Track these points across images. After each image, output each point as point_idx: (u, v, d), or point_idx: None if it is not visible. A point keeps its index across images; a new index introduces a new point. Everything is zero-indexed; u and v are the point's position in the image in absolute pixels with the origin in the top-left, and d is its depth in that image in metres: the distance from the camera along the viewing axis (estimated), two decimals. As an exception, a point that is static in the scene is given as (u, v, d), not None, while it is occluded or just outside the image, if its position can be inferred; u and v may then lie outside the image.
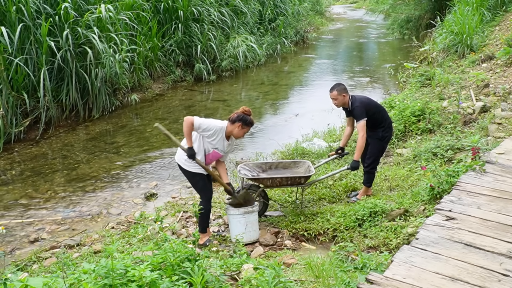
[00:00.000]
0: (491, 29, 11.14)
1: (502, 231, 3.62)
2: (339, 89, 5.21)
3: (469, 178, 4.58)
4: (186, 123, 4.51)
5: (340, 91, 5.21)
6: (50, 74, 8.75)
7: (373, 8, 26.07)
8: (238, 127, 4.59)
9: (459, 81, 8.39)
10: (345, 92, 5.24)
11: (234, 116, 4.61)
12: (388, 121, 5.44)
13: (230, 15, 13.98)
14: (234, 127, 4.60)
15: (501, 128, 6.30)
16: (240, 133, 4.63)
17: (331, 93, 5.25)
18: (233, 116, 4.62)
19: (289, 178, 5.11)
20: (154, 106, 10.50)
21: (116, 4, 10.23)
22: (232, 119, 4.61)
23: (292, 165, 5.51)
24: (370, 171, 5.42)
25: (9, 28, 8.25)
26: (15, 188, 6.62)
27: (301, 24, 19.31)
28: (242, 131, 4.63)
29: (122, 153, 7.88)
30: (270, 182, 5.15)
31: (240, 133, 4.63)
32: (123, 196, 6.33)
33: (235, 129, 4.60)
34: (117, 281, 2.73)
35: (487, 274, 3.09)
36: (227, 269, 3.56)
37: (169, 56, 12.04)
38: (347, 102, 5.27)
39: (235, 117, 4.60)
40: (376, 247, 4.35)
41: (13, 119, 8.04)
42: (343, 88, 5.25)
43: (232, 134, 4.65)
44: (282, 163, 5.56)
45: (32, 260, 4.73)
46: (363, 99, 5.33)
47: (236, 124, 4.59)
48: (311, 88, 12.23)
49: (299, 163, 5.53)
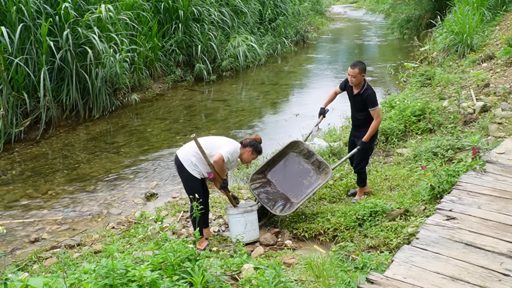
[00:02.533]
0: (492, 28, 11.14)
1: (502, 230, 3.62)
2: (361, 68, 5.19)
3: (469, 177, 4.58)
4: (218, 164, 4.60)
5: (362, 70, 5.20)
6: (50, 74, 8.75)
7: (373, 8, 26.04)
8: (248, 152, 4.82)
9: (460, 81, 8.39)
10: (364, 72, 5.26)
11: (246, 141, 4.85)
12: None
13: (230, 15, 13.97)
14: (245, 151, 4.82)
15: (501, 128, 6.30)
16: (248, 158, 4.86)
17: (352, 69, 5.16)
18: (245, 140, 4.86)
19: (308, 194, 5.14)
20: (155, 106, 10.50)
21: (116, 4, 10.23)
22: (245, 143, 4.83)
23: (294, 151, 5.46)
24: (360, 172, 5.47)
25: (9, 28, 8.25)
26: (15, 188, 6.62)
27: (301, 24, 19.29)
28: (251, 156, 4.85)
29: (122, 153, 7.89)
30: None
31: (249, 158, 4.86)
32: (124, 196, 6.33)
33: (245, 153, 4.83)
34: (117, 281, 2.73)
35: (487, 274, 3.09)
36: (227, 269, 3.56)
37: (169, 56, 12.04)
38: (361, 84, 5.28)
39: (247, 142, 4.83)
40: (377, 247, 4.35)
41: (13, 119, 8.04)
42: (364, 67, 5.24)
43: (241, 157, 4.84)
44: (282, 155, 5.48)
45: (32, 260, 4.74)
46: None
47: (247, 148, 4.82)
48: (311, 88, 12.23)
49: (296, 144, 5.49)
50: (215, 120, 9.62)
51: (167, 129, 9.05)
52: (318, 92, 11.56)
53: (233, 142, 4.81)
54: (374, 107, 5.22)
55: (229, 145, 4.71)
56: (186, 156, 4.68)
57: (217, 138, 4.95)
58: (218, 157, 4.57)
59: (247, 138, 4.95)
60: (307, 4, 20.82)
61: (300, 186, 5.30)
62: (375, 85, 12.20)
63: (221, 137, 4.96)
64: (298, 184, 5.32)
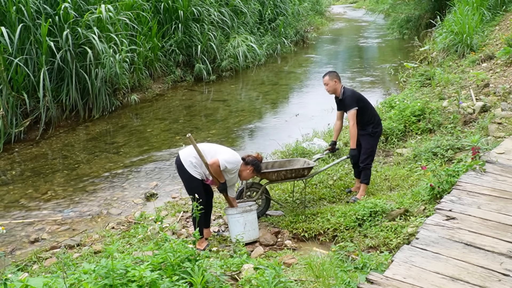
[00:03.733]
0: (491, 28, 11.14)
1: (502, 230, 3.62)
2: (331, 75, 5.38)
3: (469, 177, 4.58)
4: (214, 168, 4.61)
5: (332, 76, 5.37)
6: (50, 74, 8.75)
7: (373, 8, 26.08)
8: (249, 170, 4.85)
9: (459, 81, 8.39)
10: (337, 78, 5.39)
11: (249, 158, 4.87)
12: (377, 118, 5.58)
13: (230, 15, 13.98)
14: (246, 168, 4.84)
15: (501, 128, 6.30)
16: (248, 175, 4.90)
17: (323, 78, 5.43)
18: (248, 158, 4.87)
19: (294, 171, 5.24)
20: (154, 106, 10.50)
21: (116, 4, 10.23)
22: (247, 161, 4.85)
23: (287, 164, 5.55)
24: (366, 167, 5.50)
25: (9, 28, 8.25)
26: (15, 188, 6.62)
27: (301, 24, 19.31)
28: (250, 175, 4.91)
29: (122, 153, 7.89)
30: (275, 176, 5.22)
31: (248, 176, 4.91)
32: (123, 196, 6.33)
33: (246, 170, 4.85)
34: (117, 281, 2.73)
35: (487, 273, 3.09)
36: (227, 269, 3.56)
37: (169, 56, 12.04)
38: (339, 90, 5.42)
39: (250, 160, 4.85)
40: (376, 247, 4.35)
41: (13, 119, 8.04)
42: (335, 74, 5.42)
43: (240, 173, 4.85)
44: (277, 162, 5.59)
45: (32, 260, 4.73)
46: (354, 91, 5.52)
47: (248, 167, 4.84)
48: (311, 88, 12.23)
49: (293, 161, 5.61)
50: (215, 120, 9.62)
51: (166, 129, 9.05)
52: (318, 92, 11.57)
53: (235, 155, 4.80)
54: (349, 110, 5.33)
55: (229, 155, 4.69)
56: (187, 157, 4.69)
57: (220, 147, 4.91)
58: (214, 161, 4.58)
59: (249, 155, 4.94)
60: (306, 4, 20.83)
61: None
62: (375, 85, 12.22)
63: (225, 148, 4.93)
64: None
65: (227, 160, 4.61)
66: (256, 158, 4.90)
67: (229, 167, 4.63)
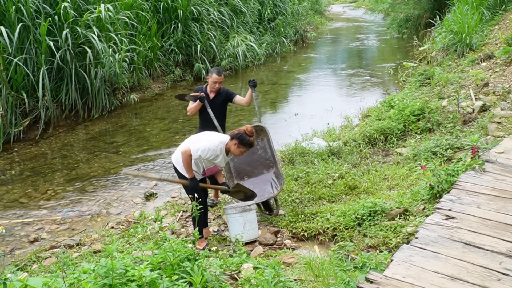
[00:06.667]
0: (491, 28, 11.14)
1: (501, 230, 3.63)
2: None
3: (468, 177, 4.58)
4: (185, 157, 4.46)
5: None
6: (50, 74, 8.74)
7: (372, 8, 26.08)
8: (234, 145, 4.58)
9: (459, 80, 8.39)
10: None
11: (234, 132, 4.63)
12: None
13: (230, 14, 13.97)
14: (231, 143, 4.60)
15: (500, 127, 6.30)
16: (236, 151, 4.62)
17: (221, 76, 5.84)
18: (233, 132, 4.65)
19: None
20: (154, 106, 10.49)
21: (116, 4, 10.22)
22: (232, 135, 4.63)
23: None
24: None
25: (8, 28, 8.24)
26: (14, 188, 6.62)
27: (300, 23, 19.29)
28: (238, 149, 4.60)
29: (121, 152, 7.88)
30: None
31: (237, 151, 4.62)
32: (123, 195, 6.33)
33: (232, 146, 4.60)
34: (117, 281, 2.73)
35: (486, 273, 3.09)
36: (226, 268, 3.56)
37: (169, 56, 12.03)
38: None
39: (234, 134, 4.61)
40: (376, 246, 4.35)
41: (12, 119, 8.03)
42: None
43: (230, 150, 4.65)
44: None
45: (31, 260, 4.73)
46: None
47: (233, 141, 4.59)
48: (310, 88, 12.22)
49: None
50: (215, 120, 9.60)
51: (166, 128, 9.04)
52: (317, 92, 11.57)
53: (215, 139, 4.59)
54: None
55: (206, 142, 4.51)
56: (178, 159, 4.68)
57: (205, 134, 4.78)
58: (185, 149, 4.44)
59: (237, 129, 4.69)
60: (306, 3, 20.80)
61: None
62: (374, 84, 12.21)
63: (210, 134, 4.79)
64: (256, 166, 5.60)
65: (200, 148, 4.46)
66: (241, 130, 4.62)
67: (203, 154, 4.48)
